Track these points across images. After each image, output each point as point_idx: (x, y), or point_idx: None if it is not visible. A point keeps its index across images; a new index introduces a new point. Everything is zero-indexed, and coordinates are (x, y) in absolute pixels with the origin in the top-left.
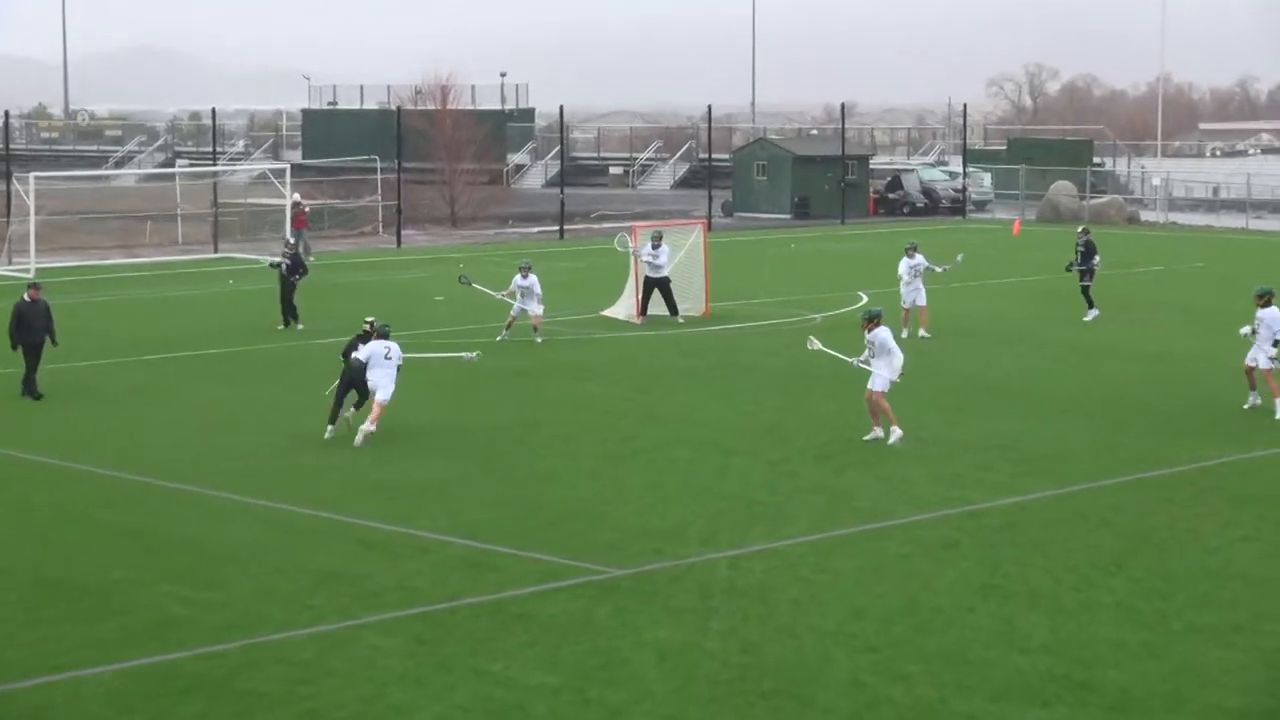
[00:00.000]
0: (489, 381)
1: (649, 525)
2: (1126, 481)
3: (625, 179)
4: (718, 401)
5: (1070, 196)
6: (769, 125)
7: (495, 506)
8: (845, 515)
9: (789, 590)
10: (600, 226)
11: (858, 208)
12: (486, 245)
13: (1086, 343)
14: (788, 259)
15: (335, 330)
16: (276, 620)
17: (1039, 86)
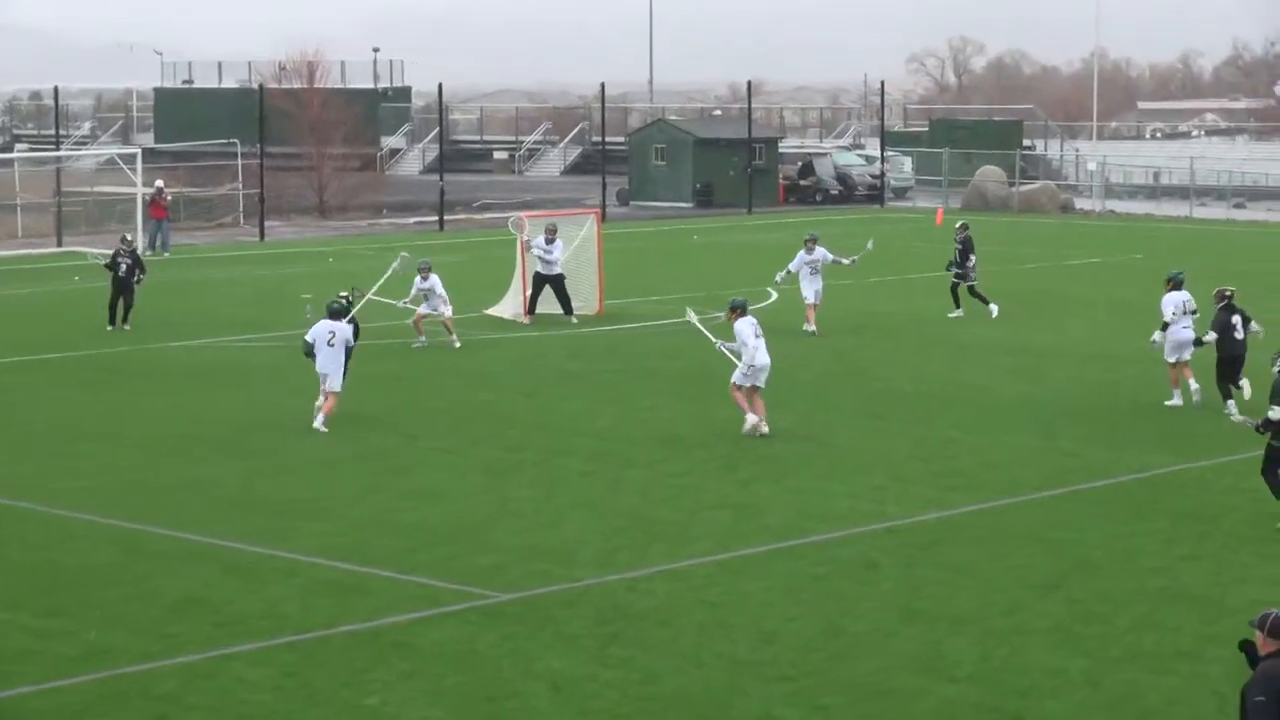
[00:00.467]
0: (363, 388)
1: (538, 545)
2: (1061, 495)
3: (511, 164)
4: (612, 408)
5: (998, 182)
6: (668, 105)
7: (371, 525)
8: (754, 532)
9: (694, 615)
10: (484, 217)
11: (766, 195)
12: (358, 237)
13: (1017, 343)
14: (689, 252)
15: (192, 332)
16: (132, 651)
17: (964, 62)
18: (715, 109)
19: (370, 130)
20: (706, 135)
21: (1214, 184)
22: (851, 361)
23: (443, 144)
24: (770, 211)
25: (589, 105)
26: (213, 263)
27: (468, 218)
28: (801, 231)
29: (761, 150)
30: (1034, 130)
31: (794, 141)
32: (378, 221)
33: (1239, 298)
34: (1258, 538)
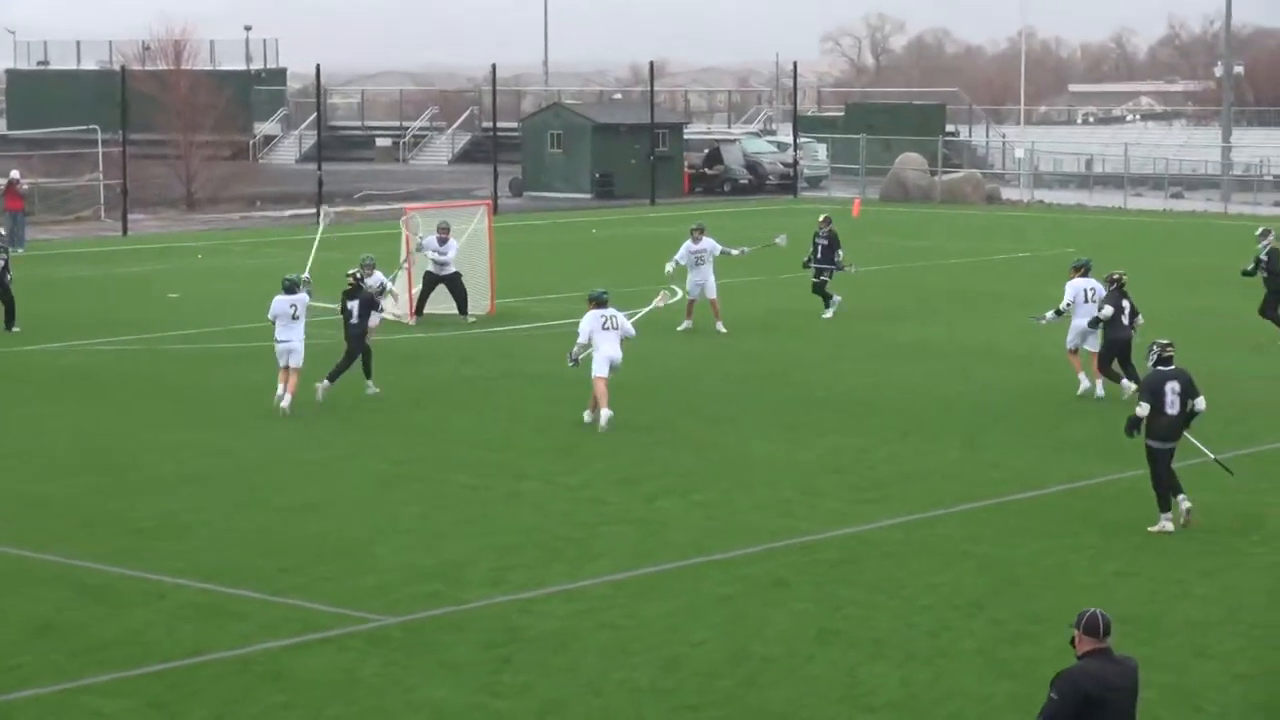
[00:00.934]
0: (231, 398)
1: (424, 564)
2: (986, 507)
3: (395, 152)
4: (505, 417)
5: (919, 171)
6: (565, 88)
7: (241, 544)
8: (658, 550)
9: (594, 639)
10: (366, 209)
11: (670, 185)
12: (230, 232)
13: (939, 345)
14: (588, 246)
15: (46, 336)
16: None
17: (882, 42)
18: (615, 92)
19: (242, 116)
20: (606, 120)
21: (1150, 172)
22: (761, 364)
23: (321, 130)
24: (675, 203)
25: (479, 88)
26: (71, 259)
27: (348, 210)
28: (707, 223)
29: (665, 137)
30: (958, 115)
31: (700, 127)
32: (251, 214)
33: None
34: (1197, 552)
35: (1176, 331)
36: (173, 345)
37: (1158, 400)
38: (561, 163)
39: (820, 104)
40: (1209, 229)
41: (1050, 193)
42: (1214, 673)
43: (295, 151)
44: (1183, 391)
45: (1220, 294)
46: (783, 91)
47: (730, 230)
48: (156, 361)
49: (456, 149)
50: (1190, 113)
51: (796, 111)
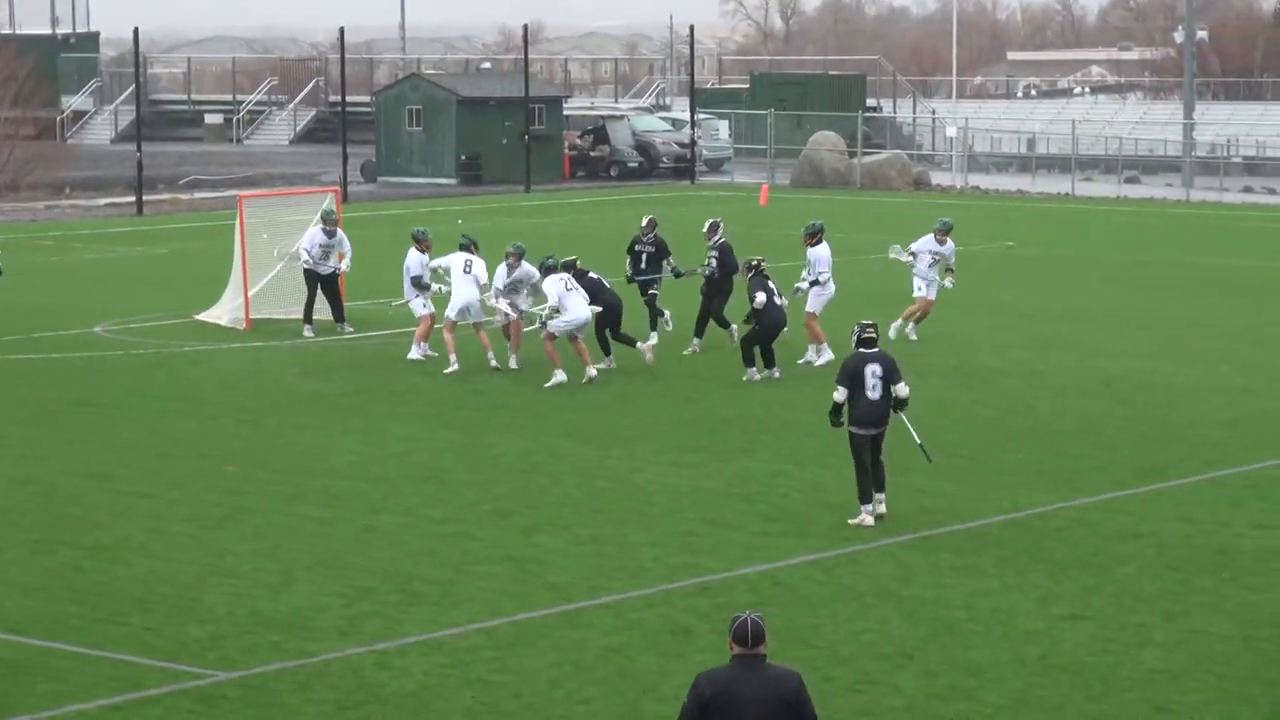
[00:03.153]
0: (34, 417)
1: (263, 611)
2: (914, 540)
3: (227, 131)
4: (357, 439)
5: (836, 152)
6: (425, 56)
7: (49, 591)
8: (536, 593)
9: (461, 697)
10: (193, 196)
11: (548, 169)
12: (34, 224)
13: None
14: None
15: None
16: None
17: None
18: (484, 60)
19: (48, 88)
20: (473, 94)
21: (1101, 153)
22: (655, 381)
23: (140, 105)
24: (554, 189)
25: (325, 56)
26: None
27: (173, 198)
28: (595, 214)
29: (542, 113)
30: (880, 87)
31: (583, 102)
32: (58, 203)
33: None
34: (1158, 592)
35: (1130, 338)
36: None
37: (858, 383)
38: (421, 143)
39: (721, 75)
40: (1169, 218)
41: (986, 177)
42: None
43: (110, 130)
44: (885, 375)
45: (1184, 297)
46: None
47: (618, 221)
48: None
49: (299, 127)
50: (1147, 85)
51: (694, 84)
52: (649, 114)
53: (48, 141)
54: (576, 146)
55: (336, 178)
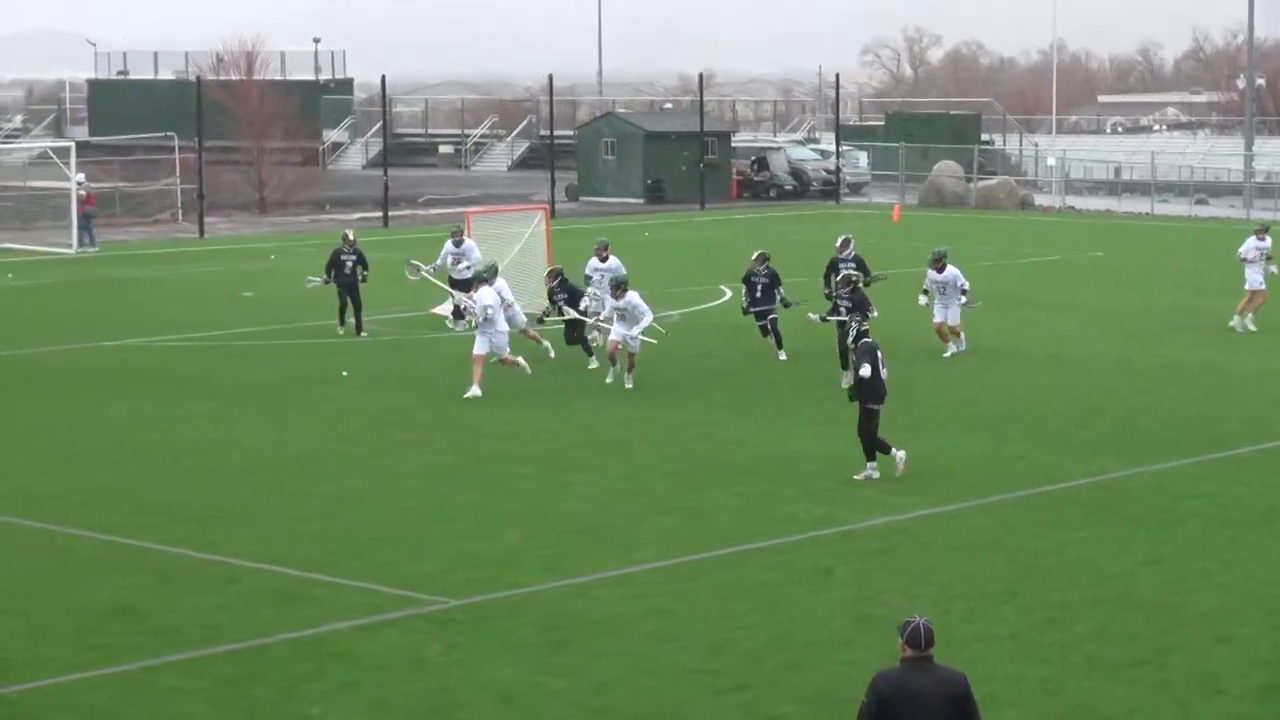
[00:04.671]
0: (286, 392)
1: (481, 551)
2: (1015, 499)
3: (457, 159)
4: (553, 413)
5: (955, 178)
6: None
7: (307, 532)
8: (703, 537)
9: (643, 623)
10: (429, 212)
11: (719, 191)
12: (300, 234)
13: (970, 345)
14: (640, 248)
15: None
16: (58, 662)
17: (920, 55)
18: (666, 102)
19: (311, 124)
20: (657, 129)
21: (1175, 179)
22: (801, 365)
23: (386, 137)
24: (723, 207)
25: (536, 98)
26: (149, 260)
27: (412, 214)
28: (756, 229)
29: (714, 144)
30: (992, 124)
31: (747, 135)
32: (319, 217)
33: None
34: (1218, 543)
35: (1196, 332)
36: (245, 341)
37: (875, 365)
38: (615, 169)
39: (861, 114)
40: (1232, 234)
41: (1080, 199)
42: (1235, 657)
43: (362, 158)
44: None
45: (1242, 299)
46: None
47: (776, 234)
48: (228, 357)
49: (515, 156)
50: (1214, 123)
51: (839, 121)
52: (802, 146)
53: (311, 168)
54: (742, 172)
55: (545, 197)
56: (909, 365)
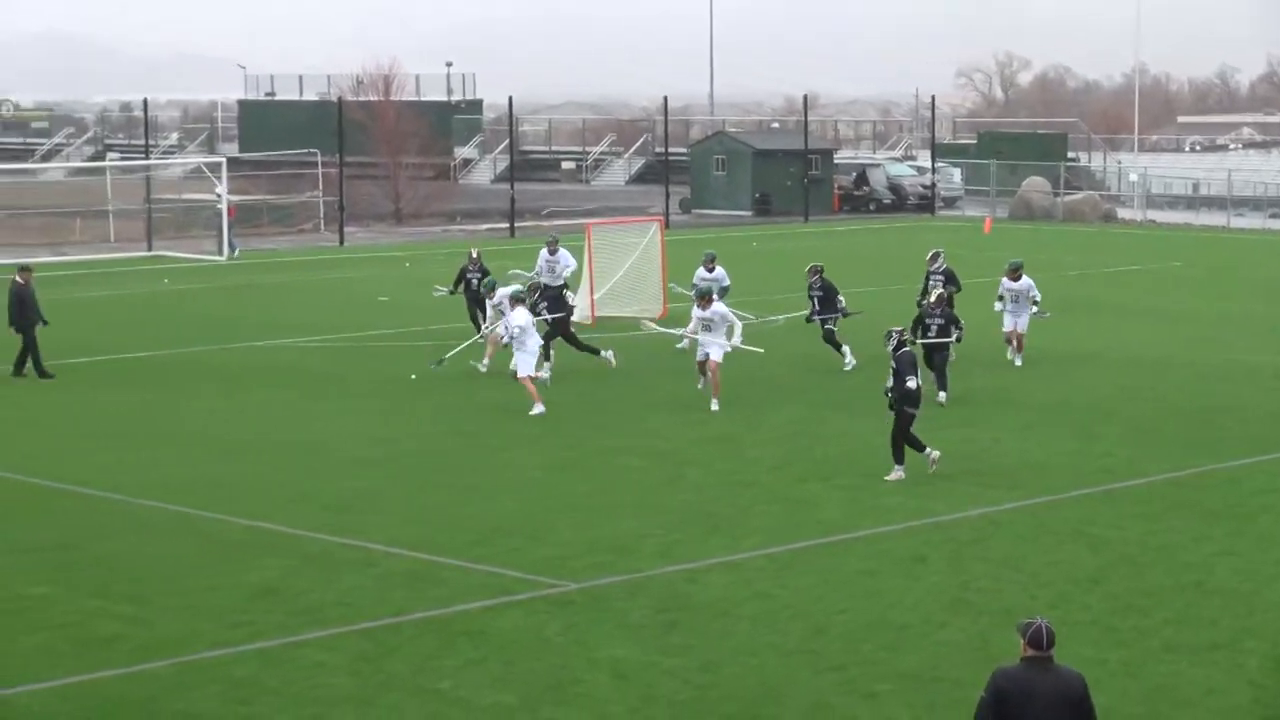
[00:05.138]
0: (418, 390)
1: (599, 538)
2: (1098, 493)
3: (578, 174)
4: (666, 410)
5: (1043, 193)
6: (728, 118)
7: (436, 519)
8: (806, 527)
9: (749, 606)
10: (552, 223)
11: (822, 204)
12: (432, 243)
13: (1056, 349)
14: (748, 257)
15: (271, 333)
16: (209, 637)
17: (1010, 78)
18: (773, 121)
19: (443, 141)
20: (765, 146)
21: (1250, 195)
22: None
23: (513, 154)
24: (826, 219)
25: (652, 117)
26: (294, 267)
27: (536, 224)
28: (856, 240)
29: (817, 161)
30: (1078, 143)
31: (848, 153)
32: (450, 228)
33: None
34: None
35: (1271, 337)
36: (380, 343)
37: (917, 374)
38: (725, 184)
39: (955, 133)
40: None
41: (1160, 213)
42: None
43: (490, 173)
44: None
45: None
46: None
47: (875, 245)
48: (363, 357)
49: (632, 171)
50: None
51: (934, 139)
52: (899, 162)
53: (443, 182)
54: (844, 187)
55: (660, 210)
56: (994, 371)
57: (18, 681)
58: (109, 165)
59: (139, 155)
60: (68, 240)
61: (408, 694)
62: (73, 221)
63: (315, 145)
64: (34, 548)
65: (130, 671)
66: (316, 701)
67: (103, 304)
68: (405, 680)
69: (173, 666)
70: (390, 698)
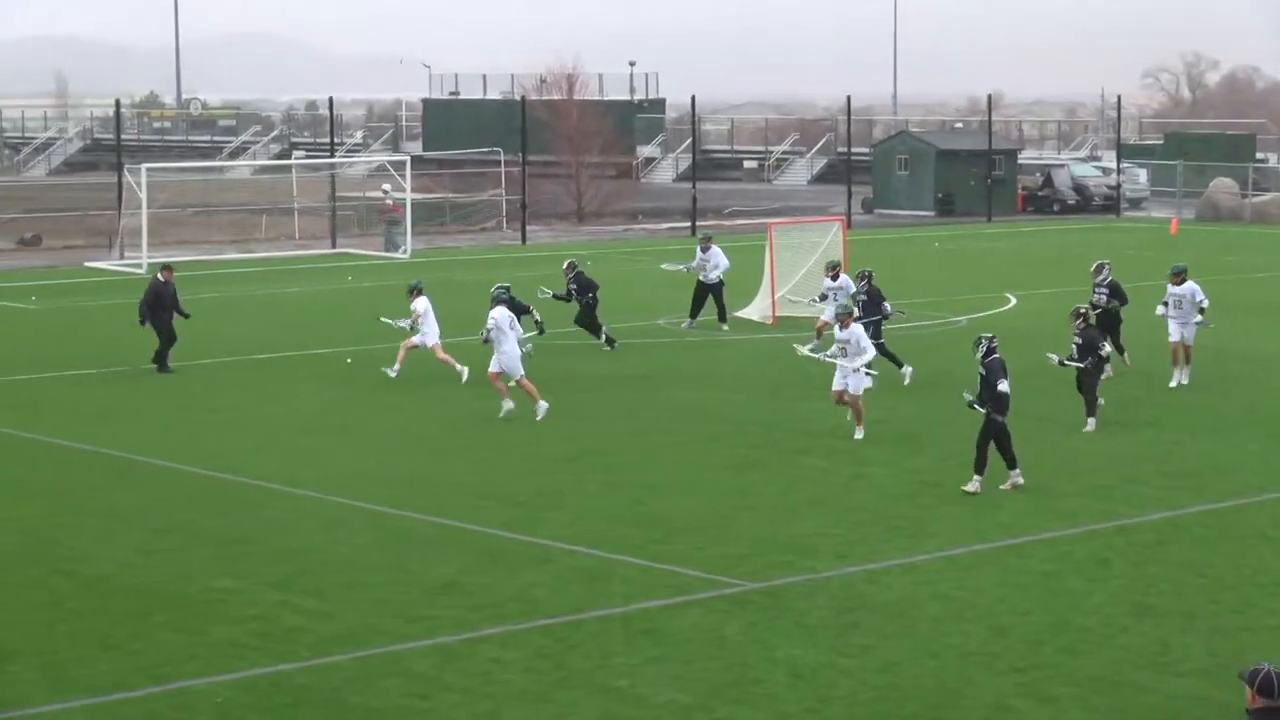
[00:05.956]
0: (603, 387)
1: (779, 537)
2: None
3: (760, 173)
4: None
5: (1231, 194)
6: (911, 118)
7: (617, 516)
8: (988, 529)
9: (929, 607)
10: (734, 223)
11: (1005, 205)
12: (613, 241)
13: (1245, 351)
14: (930, 258)
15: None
16: (390, 632)
17: (1198, 78)
18: (956, 121)
19: (626, 140)
20: (948, 147)
21: None
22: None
23: (695, 153)
24: (1009, 220)
25: (835, 118)
26: (475, 265)
27: (718, 224)
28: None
29: (1001, 161)
30: (1266, 144)
31: (1032, 153)
32: (632, 227)
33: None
34: None
35: None
36: (559, 341)
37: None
38: (907, 184)
39: (1140, 133)
40: None
41: None
42: None
43: (672, 172)
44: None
45: None
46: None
47: (1058, 245)
48: (543, 354)
49: (814, 171)
50: None
51: (1120, 140)
52: (1084, 163)
53: (624, 180)
54: (1027, 187)
55: (842, 210)
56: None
57: (205, 673)
58: (294, 163)
59: (324, 154)
60: (253, 238)
61: (584, 691)
62: (259, 219)
63: (498, 144)
64: (219, 541)
65: (312, 664)
66: (492, 697)
67: (287, 301)
68: (582, 677)
69: (354, 660)
70: (567, 695)
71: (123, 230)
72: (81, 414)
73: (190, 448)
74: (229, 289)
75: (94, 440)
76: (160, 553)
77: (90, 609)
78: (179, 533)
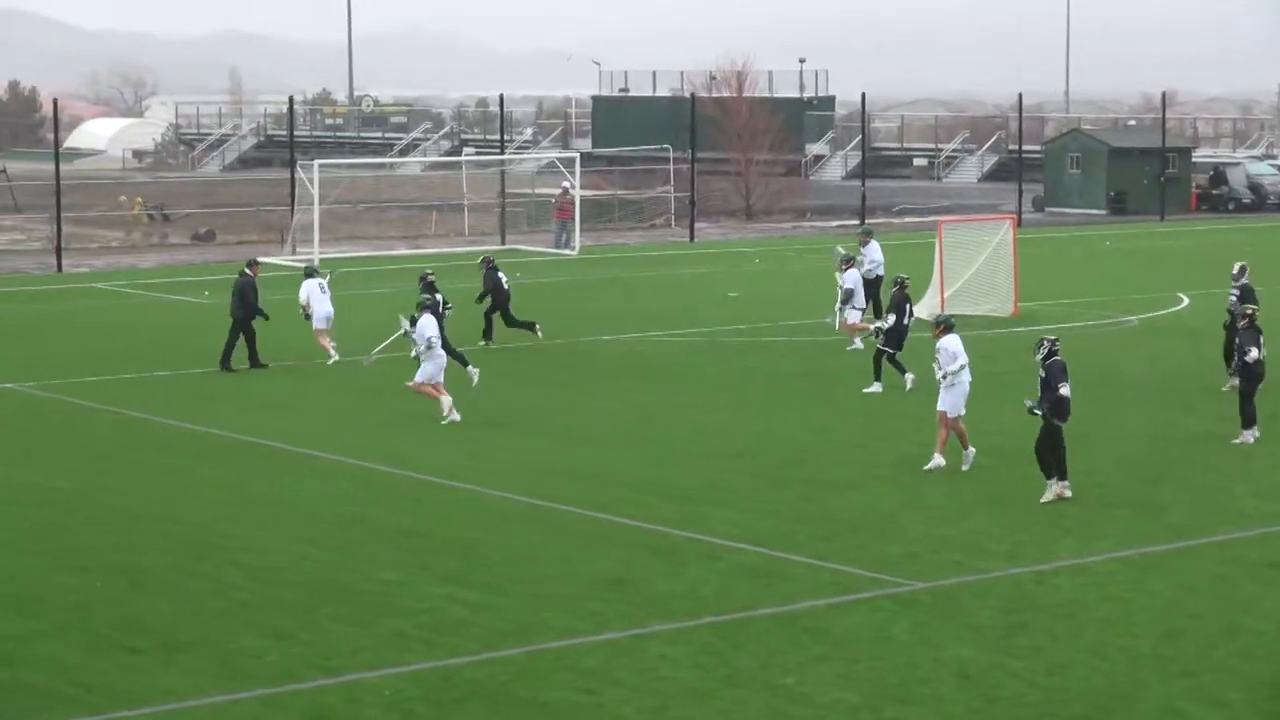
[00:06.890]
0: (772, 384)
1: (948, 536)
2: None
3: (930, 171)
4: (1017, 408)
5: None
6: (1083, 115)
7: (784, 514)
8: (1158, 531)
9: (1098, 609)
10: (903, 221)
11: (1178, 203)
12: (782, 239)
13: None
14: (1101, 257)
15: (623, 327)
16: (557, 626)
17: None
18: (1129, 119)
19: (795, 138)
20: (1120, 145)
21: None
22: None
23: (865, 151)
24: (1182, 218)
25: (1006, 115)
26: (644, 262)
27: (887, 222)
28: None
29: (1174, 159)
30: None
31: (1206, 151)
32: (801, 224)
33: None
34: None
35: None
36: (729, 338)
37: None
38: (1079, 182)
39: None
40: None
41: None
42: None
43: (841, 169)
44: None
45: None
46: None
47: (1232, 245)
48: (714, 351)
49: (985, 169)
50: None
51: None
52: (1260, 161)
53: (793, 178)
54: (1201, 186)
55: (1013, 208)
56: None
57: (374, 665)
58: (465, 160)
59: (494, 150)
60: (424, 233)
61: (751, 689)
62: (429, 215)
63: (667, 141)
64: (389, 533)
65: (479, 659)
66: (660, 694)
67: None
68: (749, 675)
69: (522, 654)
70: (733, 692)
71: (295, 226)
72: (252, 406)
73: (358, 442)
74: (399, 284)
75: (261, 433)
76: (328, 545)
77: (260, 600)
78: (347, 526)
